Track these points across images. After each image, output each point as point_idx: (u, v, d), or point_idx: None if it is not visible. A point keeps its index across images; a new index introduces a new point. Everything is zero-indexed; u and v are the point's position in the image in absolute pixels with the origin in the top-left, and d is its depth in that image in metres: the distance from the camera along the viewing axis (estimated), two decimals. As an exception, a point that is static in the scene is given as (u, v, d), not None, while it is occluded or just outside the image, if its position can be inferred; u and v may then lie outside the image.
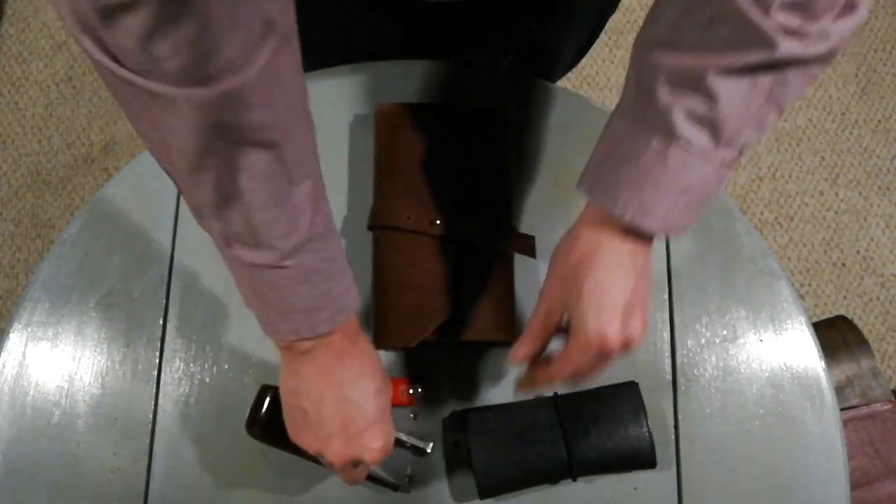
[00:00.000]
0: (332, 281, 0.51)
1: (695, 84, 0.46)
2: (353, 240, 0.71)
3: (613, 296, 0.51)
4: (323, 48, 0.85)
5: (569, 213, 0.73)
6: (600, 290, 0.51)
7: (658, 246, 0.72)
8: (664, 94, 0.47)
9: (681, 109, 0.46)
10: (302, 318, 0.51)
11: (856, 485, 0.93)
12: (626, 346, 0.52)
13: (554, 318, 0.54)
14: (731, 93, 0.45)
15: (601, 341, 0.50)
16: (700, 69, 0.45)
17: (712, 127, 0.47)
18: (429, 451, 0.65)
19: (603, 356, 0.52)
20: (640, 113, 0.49)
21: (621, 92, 0.52)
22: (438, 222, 0.67)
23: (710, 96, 0.46)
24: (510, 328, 0.67)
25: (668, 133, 0.47)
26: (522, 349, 0.56)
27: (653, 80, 0.48)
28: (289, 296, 0.50)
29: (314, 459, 0.65)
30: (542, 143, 0.75)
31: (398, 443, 0.66)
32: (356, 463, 0.56)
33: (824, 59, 0.45)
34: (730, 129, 0.47)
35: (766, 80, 0.45)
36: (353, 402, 0.54)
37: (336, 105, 0.75)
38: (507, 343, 0.67)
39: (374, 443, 0.55)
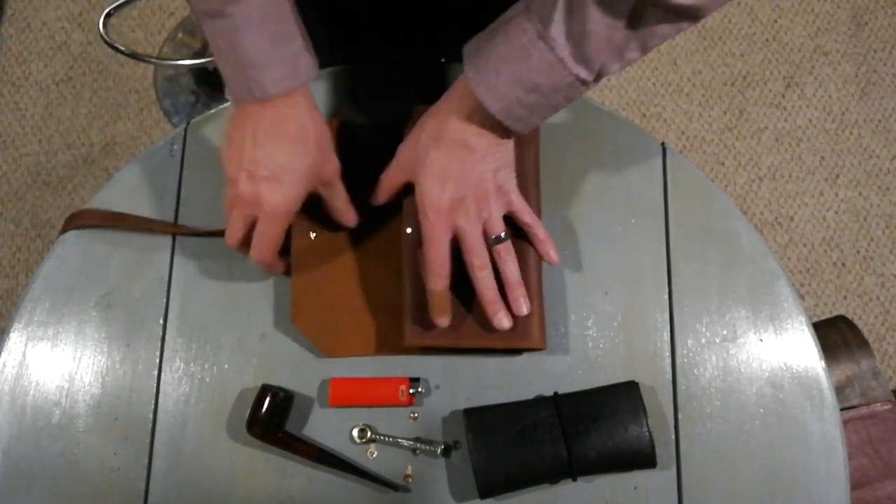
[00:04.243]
0: (280, 41, 0.56)
1: (579, 6, 0.52)
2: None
3: (448, 170, 0.60)
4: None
5: (568, 211, 0.73)
6: (438, 165, 0.60)
7: (658, 246, 0.72)
8: (560, 5, 0.53)
9: (561, 20, 0.52)
10: (254, 74, 0.55)
11: (856, 485, 0.93)
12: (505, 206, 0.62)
13: (401, 179, 0.64)
14: (600, 22, 0.51)
15: (428, 202, 0.60)
16: None
17: (577, 43, 0.53)
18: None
19: (439, 220, 0.60)
20: (532, 8, 0.54)
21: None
22: None
23: (584, 19, 0.52)
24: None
25: (543, 32, 0.53)
26: (379, 197, 0.66)
27: None
28: (238, 47, 0.55)
29: (314, 460, 0.65)
30: (541, 143, 0.74)
31: (398, 444, 0.66)
32: (250, 224, 0.62)
33: (693, 14, 0.51)
34: (590, 49, 0.53)
35: (634, 20, 0.52)
36: (268, 152, 0.58)
37: (334, 107, 0.75)
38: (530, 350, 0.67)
39: (271, 195, 0.59)
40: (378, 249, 0.70)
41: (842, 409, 0.94)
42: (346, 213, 0.67)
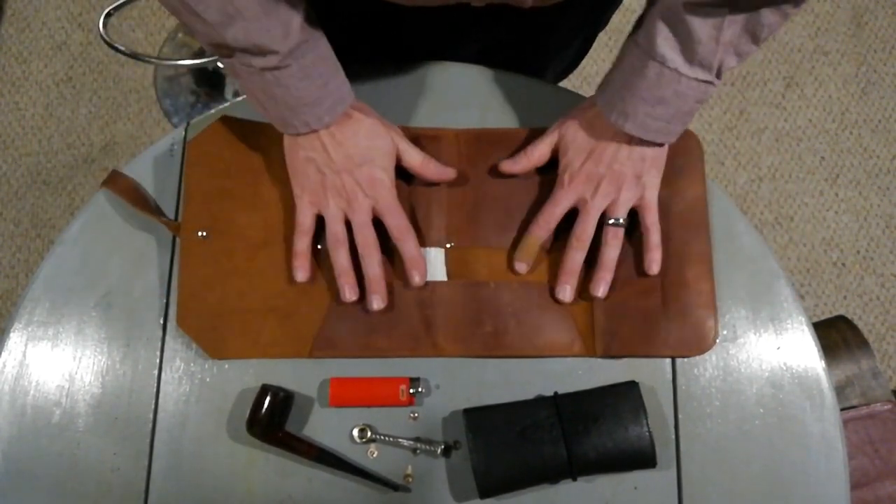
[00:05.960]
0: (329, 76, 0.62)
1: (674, 17, 0.57)
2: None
3: (595, 148, 0.65)
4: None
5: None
6: (588, 142, 0.66)
7: (658, 246, 0.72)
8: (653, 23, 0.59)
9: (663, 36, 0.58)
10: (309, 111, 0.62)
11: (856, 485, 0.93)
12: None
13: (547, 151, 0.69)
14: (701, 27, 0.56)
15: (568, 170, 0.66)
16: (676, 7, 0.57)
17: (685, 49, 0.58)
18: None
19: (571, 187, 0.66)
20: (637, 37, 0.61)
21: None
22: None
23: (686, 29, 0.57)
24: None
25: (649, 51, 0.59)
26: (520, 164, 0.70)
27: (649, 13, 0.60)
28: (294, 91, 0.61)
29: (314, 459, 0.65)
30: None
31: (398, 444, 0.66)
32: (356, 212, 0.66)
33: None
34: (701, 53, 0.58)
35: (736, 16, 0.56)
36: (352, 145, 0.64)
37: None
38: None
39: (371, 172, 0.65)
40: (273, 249, 0.69)
41: (842, 409, 0.94)
42: (429, 165, 0.69)
